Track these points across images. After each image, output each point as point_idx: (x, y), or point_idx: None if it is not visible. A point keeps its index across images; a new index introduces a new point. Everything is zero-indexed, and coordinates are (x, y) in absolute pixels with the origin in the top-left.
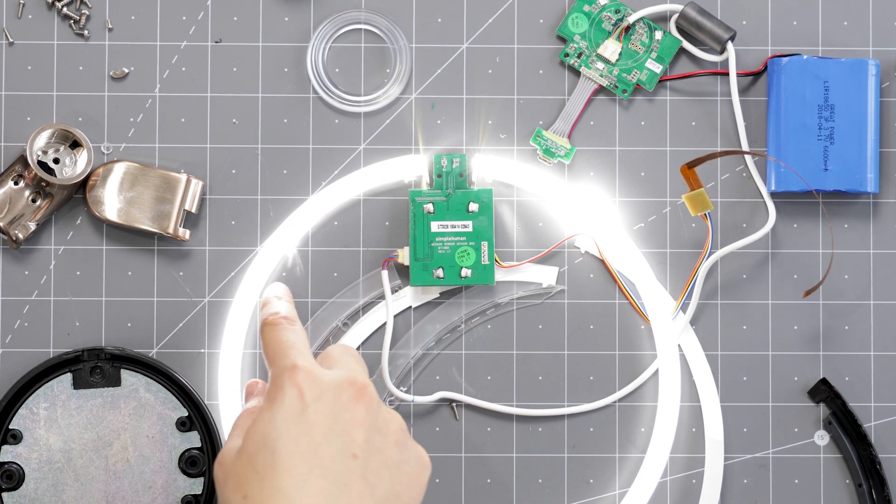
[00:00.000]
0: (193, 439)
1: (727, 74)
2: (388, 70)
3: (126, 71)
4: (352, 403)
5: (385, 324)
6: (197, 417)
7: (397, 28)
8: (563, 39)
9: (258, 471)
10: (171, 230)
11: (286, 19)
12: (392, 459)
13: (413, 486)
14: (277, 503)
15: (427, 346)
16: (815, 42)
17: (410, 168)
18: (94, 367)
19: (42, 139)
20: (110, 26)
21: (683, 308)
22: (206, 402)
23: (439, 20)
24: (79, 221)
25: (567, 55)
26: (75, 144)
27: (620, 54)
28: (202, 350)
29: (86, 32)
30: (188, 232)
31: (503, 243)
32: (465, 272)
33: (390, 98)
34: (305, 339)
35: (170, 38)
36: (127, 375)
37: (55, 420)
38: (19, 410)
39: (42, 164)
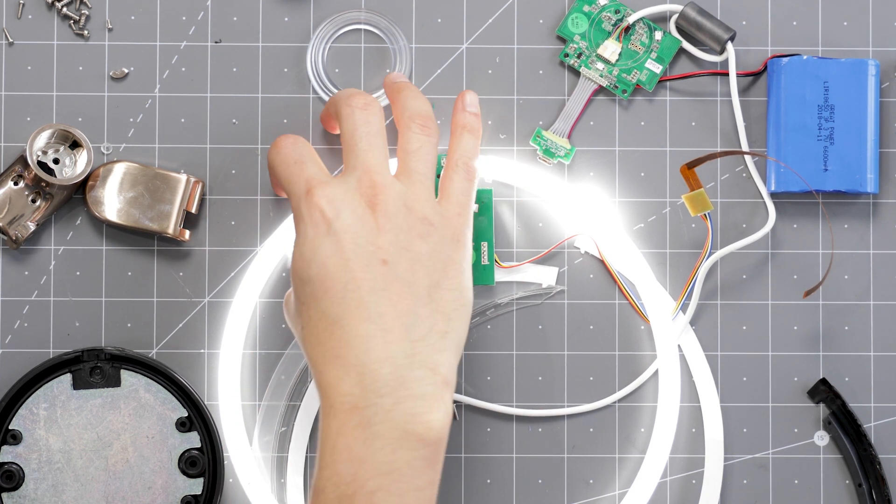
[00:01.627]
0: (193, 440)
1: (727, 75)
2: (387, 70)
3: (126, 71)
4: (369, 212)
5: None
6: (197, 418)
7: (397, 28)
8: (562, 39)
9: (304, 301)
10: (170, 230)
11: (286, 19)
12: (421, 253)
13: (448, 269)
14: (324, 326)
15: None
16: (815, 42)
17: None
18: (94, 367)
19: (42, 139)
20: (110, 26)
21: (683, 308)
22: (205, 403)
23: (439, 20)
24: (79, 222)
25: (567, 55)
26: (75, 145)
27: (620, 54)
28: (202, 350)
29: (86, 32)
30: (188, 232)
31: (503, 243)
32: None
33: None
34: (311, 150)
35: (170, 39)
36: (127, 376)
37: (55, 420)
38: (19, 411)
39: (42, 165)
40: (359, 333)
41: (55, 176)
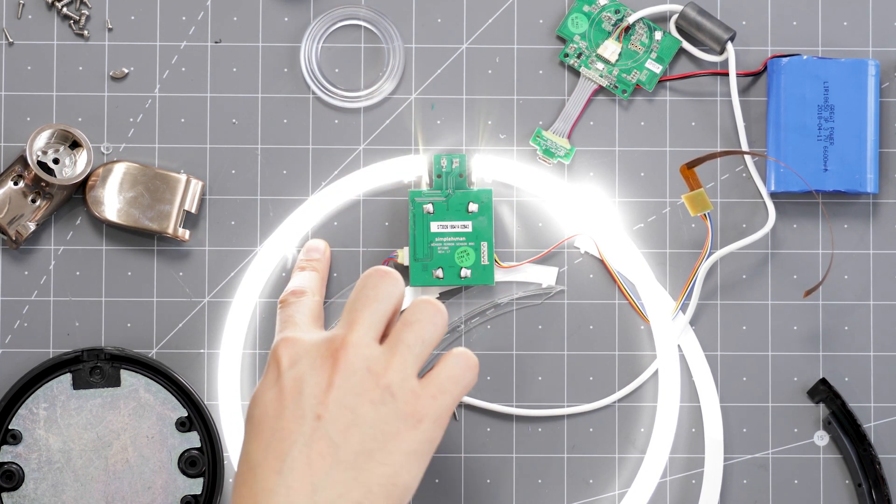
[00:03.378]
0: (193, 439)
1: (727, 75)
2: (383, 69)
3: (126, 71)
4: (325, 365)
5: None
6: (196, 418)
7: (391, 25)
8: (562, 40)
9: (245, 437)
10: (170, 230)
11: (286, 19)
12: (364, 418)
13: (390, 443)
14: (245, 469)
15: None
16: (814, 42)
17: (410, 168)
18: (94, 367)
19: (42, 139)
20: (110, 26)
21: (683, 308)
22: (205, 403)
23: (439, 20)
24: (78, 221)
25: (567, 55)
26: (75, 145)
27: (620, 54)
28: (202, 350)
29: (86, 32)
30: (188, 232)
31: (503, 243)
32: (465, 272)
33: (384, 93)
34: (310, 308)
35: (169, 39)
36: (126, 376)
37: (55, 420)
38: (19, 411)
39: (42, 165)
40: (265, 486)
41: (55, 176)
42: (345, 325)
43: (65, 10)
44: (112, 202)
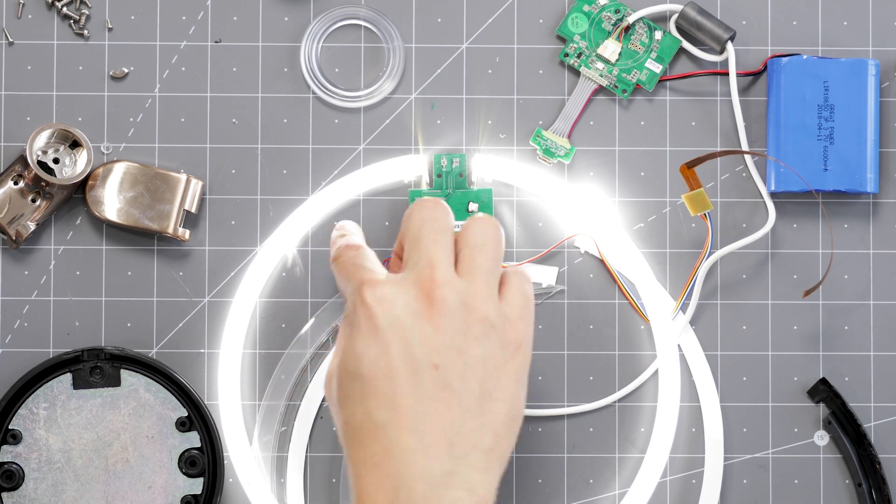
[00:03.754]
0: (193, 439)
1: (727, 74)
2: (383, 67)
3: (126, 71)
4: (424, 314)
5: None
6: (196, 417)
7: (391, 25)
8: (562, 39)
9: (349, 396)
10: (170, 230)
11: (286, 19)
12: (475, 357)
13: (502, 377)
14: (367, 427)
15: None
16: (815, 42)
17: (410, 168)
18: (94, 367)
19: (42, 139)
20: (110, 26)
21: (683, 308)
22: (205, 402)
23: (439, 20)
24: (78, 221)
25: (567, 55)
26: (75, 144)
27: (620, 54)
28: (202, 350)
29: (86, 32)
30: (188, 232)
31: None
32: None
33: (384, 93)
34: (374, 257)
35: (169, 38)
36: (127, 375)
37: (55, 420)
38: (19, 410)
39: (42, 164)
40: (401, 445)
41: (55, 176)
42: (422, 263)
43: (65, 9)
44: (112, 202)
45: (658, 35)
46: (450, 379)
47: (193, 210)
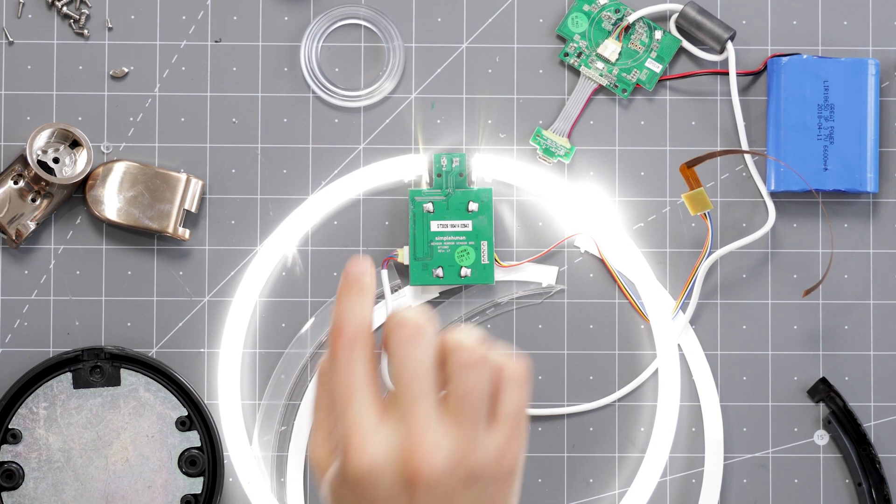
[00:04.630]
0: (193, 439)
1: (727, 74)
2: (383, 66)
3: (126, 70)
4: (407, 493)
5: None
6: (196, 417)
7: (392, 24)
8: (562, 39)
9: None
10: (170, 230)
11: (286, 18)
12: (458, 500)
13: (498, 501)
14: None
15: None
16: (815, 42)
17: (410, 167)
18: (94, 366)
19: (42, 139)
20: (110, 26)
21: (683, 308)
22: (205, 402)
23: (439, 20)
24: (78, 221)
25: (567, 55)
26: (75, 144)
27: (620, 54)
28: (202, 350)
29: (85, 32)
30: (188, 231)
31: (503, 243)
32: (465, 272)
33: (384, 92)
34: (366, 368)
35: (169, 38)
36: (127, 375)
37: (55, 419)
38: (19, 410)
39: (42, 164)
40: None
41: (55, 175)
42: (405, 425)
43: (65, 9)
44: (112, 201)
45: (658, 35)
46: None
47: (193, 210)
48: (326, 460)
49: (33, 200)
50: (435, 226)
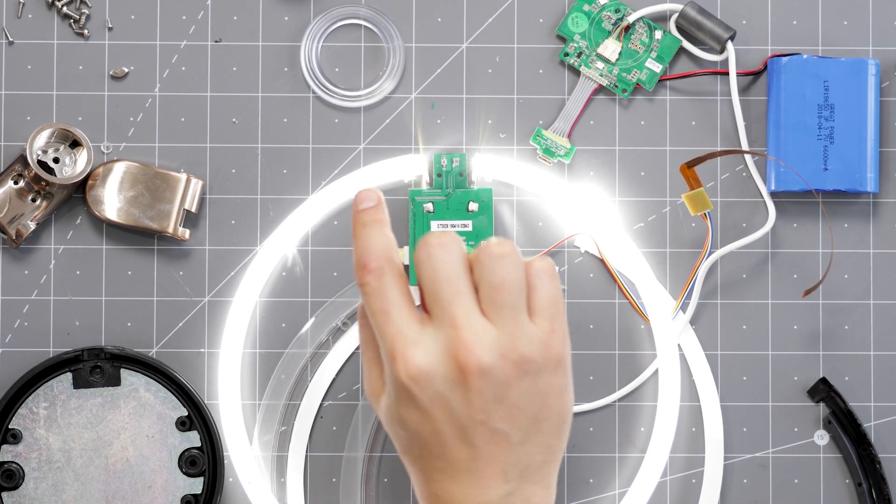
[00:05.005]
0: (193, 439)
1: (727, 74)
2: (383, 66)
3: (126, 70)
4: (461, 382)
5: None
6: (197, 417)
7: (392, 24)
8: (562, 39)
9: (404, 440)
10: (170, 230)
11: (286, 18)
12: (519, 395)
13: (548, 398)
14: (424, 461)
15: None
16: (815, 42)
17: (410, 167)
18: (94, 366)
19: (42, 138)
20: (110, 26)
21: (683, 308)
22: (205, 402)
23: (439, 19)
24: (78, 221)
25: (567, 55)
26: (75, 144)
27: (620, 54)
28: (202, 350)
29: (86, 32)
30: (188, 231)
31: None
32: None
33: (384, 92)
34: (401, 289)
35: (169, 38)
36: (127, 375)
37: (55, 420)
38: (19, 410)
39: (42, 164)
40: (457, 482)
41: (55, 175)
42: (446, 322)
43: (65, 9)
44: (112, 201)
45: (658, 34)
46: (497, 425)
47: (193, 210)
48: (382, 393)
49: (33, 200)
50: (435, 226)
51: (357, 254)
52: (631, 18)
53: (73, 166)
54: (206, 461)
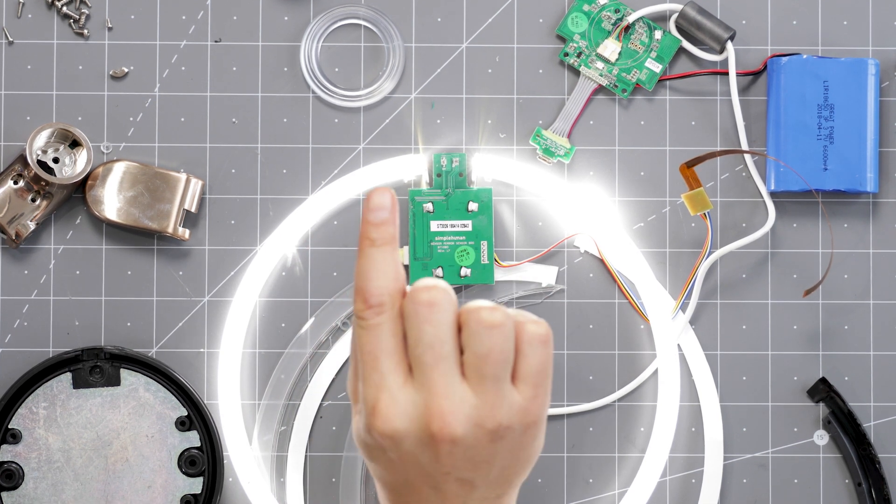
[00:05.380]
0: (193, 439)
1: (727, 74)
2: (383, 66)
3: (126, 70)
4: (434, 446)
5: None
6: (196, 417)
7: (392, 24)
8: (562, 39)
9: (373, 469)
10: (170, 230)
11: (285, 18)
12: (489, 455)
13: (519, 456)
14: (390, 490)
15: None
16: (814, 42)
17: (410, 167)
18: (94, 366)
19: (42, 138)
20: (110, 25)
21: (683, 308)
22: (205, 402)
23: (439, 19)
24: (78, 221)
25: (567, 55)
26: (75, 144)
27: (620, 54)
28: (201, 350)
29: (85, 32)
30: (188, 231)
31: (503, 243)
32: (465, 271)
33: (384, 92)
34: (393, 340)
35: (169, 38)
36: (126, 375)
37: (55, 419)
38: (19, 410)
39: (42, 164)
40: None
41: (55, 175)
42: (426, 387)
43: (65, 9)
44: (112, 201)
45: (658, 34)
46: (467, 476)
47: (193, 209)
48: (354, 412)
49: (33, 200)
50: (435, 226)
51: (360, 278)
52: (631, 18)
53: (73, 166)
54: (206, 461)
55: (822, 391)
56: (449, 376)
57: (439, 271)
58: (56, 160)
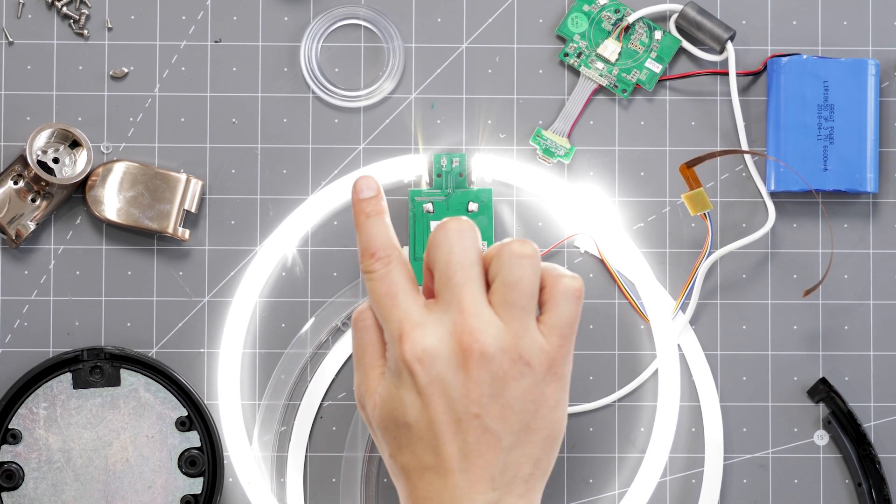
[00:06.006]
0: (193, 439)
1: (727, 74)
2: (383, 66)
3: (126, 70)
4: (462, 367)
5: None
6: (196, 417)
7: (391, 24)
8: (562, 39)
9: (397, 438)
10: (170, 230)
11: (286, 19)
12: (514, 396)
13: (541, 408)
14: (414, 465)
15: None
16: (814, 42)
17: (410, 168)
18: (94, 366)
19: (42, 139)
20: (110, 26)
21: (683, 308)
22: (205, 402)
23: (439, 20)
24: (78, 221)
25: (567, 55)
26: (75, 144)
27: (620, 54)
28: (202, 350)
29: (85, 32)
30: (188, 231)
31: None
32: None
33: (384, 93)
34: (405, 275)
35: (169, 38)
36: (126, 375)
37: (55, 420)
38: (19, 410)
39: (42, 164)
40: (446, 484)
41: (55, 175)
42: (454, 307)
43: (65, 9)
44: (112, 201)
45: (658, 35)
46: (490, 424)
47: (193, 210)
48: (375, 391)
49: (33, 200)
50: (435, 226)
51: (362, 243)
52: (631, 19)
53: (73, 166)
54: (206, 461)
55: (822, 391)
56: (478, 297)
57: None
58: (56, 160)
